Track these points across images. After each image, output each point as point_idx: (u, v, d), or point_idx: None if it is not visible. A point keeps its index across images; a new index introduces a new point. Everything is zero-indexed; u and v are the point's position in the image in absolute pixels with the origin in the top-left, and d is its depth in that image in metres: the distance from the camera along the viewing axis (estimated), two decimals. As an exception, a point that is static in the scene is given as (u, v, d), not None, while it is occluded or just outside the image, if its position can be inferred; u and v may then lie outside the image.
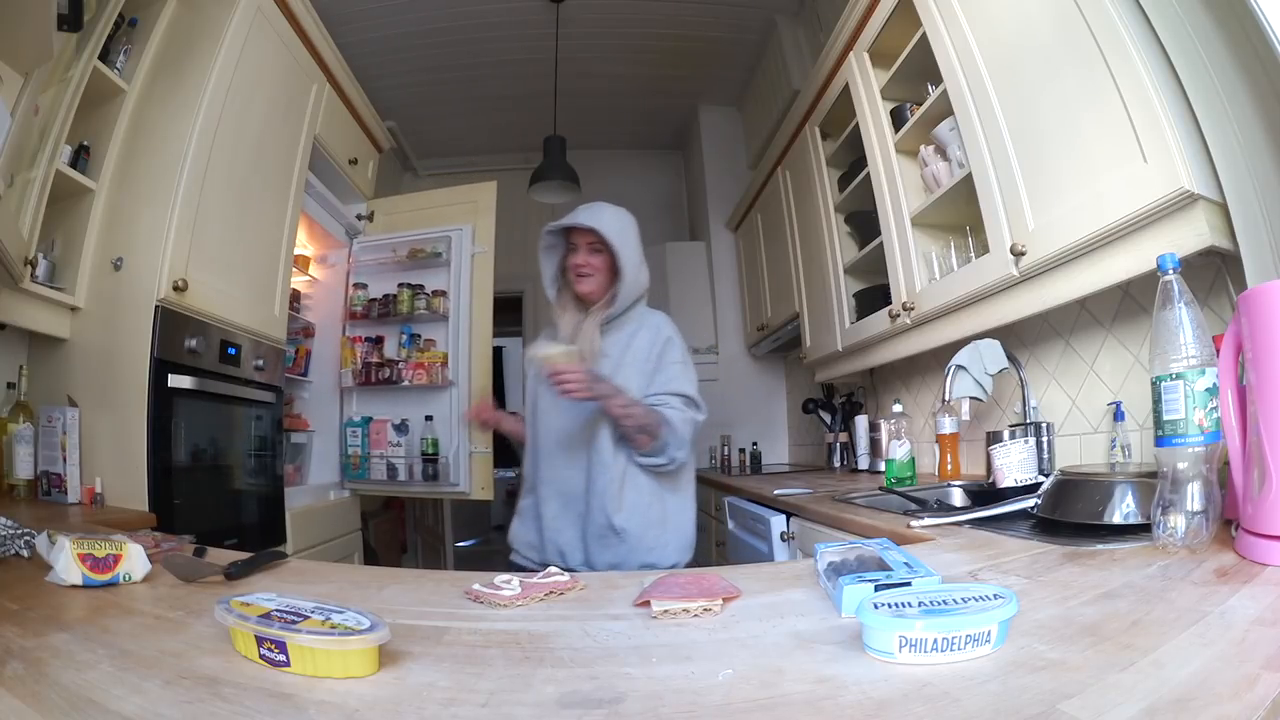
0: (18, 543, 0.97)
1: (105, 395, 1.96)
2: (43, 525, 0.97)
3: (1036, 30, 1.52)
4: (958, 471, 2.10)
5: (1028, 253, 1.56)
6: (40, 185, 1.77)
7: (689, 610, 0.69)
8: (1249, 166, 1.11)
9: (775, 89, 3.73)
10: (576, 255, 1.58)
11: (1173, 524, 0.83)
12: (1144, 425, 1.50)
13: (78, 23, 1.67)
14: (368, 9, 3.39)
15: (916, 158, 2.17)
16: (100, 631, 0.64)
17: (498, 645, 0.62)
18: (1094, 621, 0.61)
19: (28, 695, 0.49)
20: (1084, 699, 0.46)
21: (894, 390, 2.77)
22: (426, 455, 3.09)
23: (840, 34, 2.48)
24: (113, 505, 1.89)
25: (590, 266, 1.58)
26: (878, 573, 0.70)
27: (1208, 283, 1.35)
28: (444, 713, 0.48)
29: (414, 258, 3.29)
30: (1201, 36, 1.14)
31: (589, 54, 3.87)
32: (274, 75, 2.50)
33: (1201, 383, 0.83)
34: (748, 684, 0.52)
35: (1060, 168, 1.48)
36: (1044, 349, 1.87)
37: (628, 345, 1.58)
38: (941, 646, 0.53)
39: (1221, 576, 0.73)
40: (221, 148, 2.18)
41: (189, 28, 2.19)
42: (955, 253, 2.00)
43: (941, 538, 1.11)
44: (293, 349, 3.06)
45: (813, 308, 3.10)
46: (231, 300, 2.29)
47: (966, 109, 1.75)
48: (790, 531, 2.00)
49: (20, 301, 1.80)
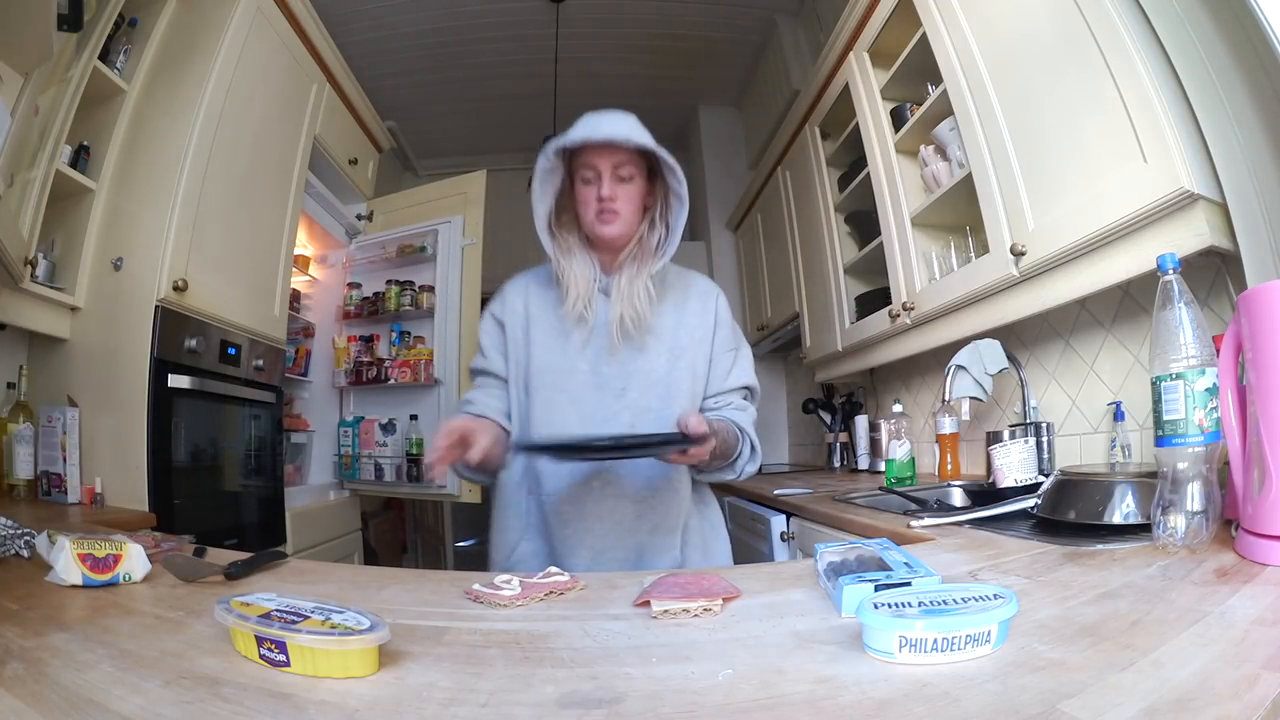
0: (18, 543, 0.97)
1: (105, 395, 1.96)
2: (43, 525, 0.97)
3: (1036, 30, 1.52)
4: (958, 471, 2.10)
5: (1028, 253, 1.56)
6: (40, 185, 1.77)
7: (689, 610, 0.69)
8: (1249, 166, 1.11)
9: (775, 89, 3.73)
10: (598, 185, 1.16)
11: (1173, 524, 0.83)
12: (1144, 425, 1.50)
13: (78, 23, 1.67)
14: (368, 9, 3.39)
15: (916, 158, 2.17)
16: (100, 631, 0.64)
17: (498, 645, 0.62)
18: (1094, 621, 0.61)
19: (28, 695, 0.49)
20: (1084, 699, 0.46)
21: (894, 390, 2.77)
22: (410, 455, 3.08)
23: (840, 34, 2.48)
24: (113, 505, 1.89)
25: (621, 200, 1.17)
26: (878, 573, 0.70)
27: (1208, 283, 1.35)
28: (444, 713, 0.48)
29: (403, 254, 3.29)
30: (1201, 36, 1.14)
31: (589, 54, 3.87)
32: (274, 75, 2.49)
33: (1201, 383, 0.83)
34: (748, 684, 0.52)
35: (1060, 168, 1.48)
36: (1044, 349, 1.87)
37: (680, 320, 1.24)
38: (941, 646, 0.53)
39: (1221, 576, 0.73)
40: (221, 148, 2.18)
41: (189, 28, 2.19)
42: (955, 253, 2.00)
43: (941, 538, 1.11)
44: (293, 349, 3.06)
45: (813, 308, 3.10)
46: (231, 300, 2.29)
47: (966, 109, 1.75)
48: (790, 531, 2.00)
49: (20, 301, 1.80)
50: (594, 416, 1.19)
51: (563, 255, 1.22)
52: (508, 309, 1.29)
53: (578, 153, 1.18)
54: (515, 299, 1.30)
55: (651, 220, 1.23)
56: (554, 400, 1.20)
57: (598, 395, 1.20)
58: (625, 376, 1.20)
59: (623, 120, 1.16)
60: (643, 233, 1.22)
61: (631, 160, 1.17)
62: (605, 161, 1.15)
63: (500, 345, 1.30)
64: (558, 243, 1.22)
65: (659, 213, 1.23)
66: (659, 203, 1.23)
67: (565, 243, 1.23)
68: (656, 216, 1.23)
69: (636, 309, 1.18)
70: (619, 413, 1.19)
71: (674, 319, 1.24)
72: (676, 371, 1.21)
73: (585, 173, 1.17)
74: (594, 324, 1.21)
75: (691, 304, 1.27)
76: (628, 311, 1.18)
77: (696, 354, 1.24)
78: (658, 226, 1.23)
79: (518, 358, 1.26)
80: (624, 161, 1.16)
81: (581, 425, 1.18)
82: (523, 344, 1.25)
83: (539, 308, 1.26)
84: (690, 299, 1.28)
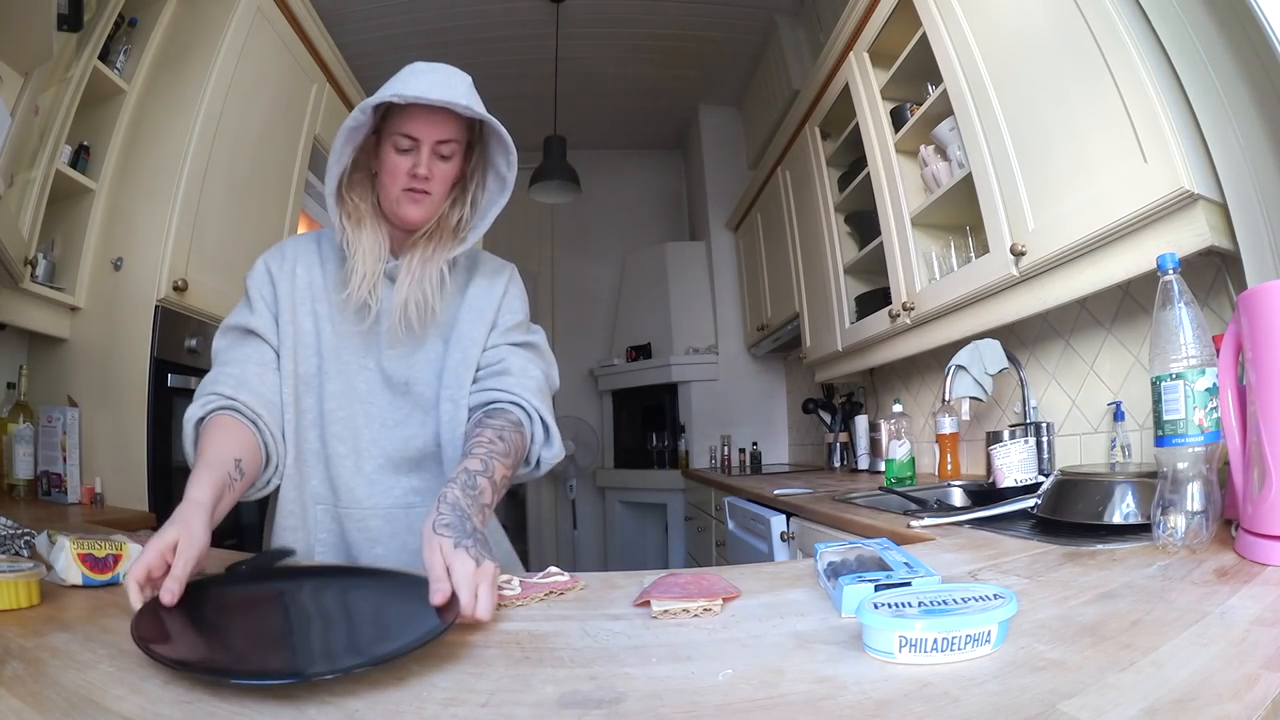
0: (18, 543, 0.97)
1: (105, 395, 1.96)
2: (43, 525, 0.97)
3: (1036, 30, 1.52)
4: (958, 471, 2.10)
5: (1028, 253, 1.56)
6: (40, 185, 1.77)
7: (689, 610, 0.69)
8: (1249, 166, 1.11)
9: (775, 89, 3.73)
10: (414, 158, 0.98)
11: (1173, 524, 0.83)
12: (1144, 425, 1.50)
13: (78, 23, 1.67)
14: (368, 9, 3.39)
15: (916, 158, 2.17)
16: (100, 631, 0.64)
17: (498, 645, 0.62)
18: (1094, 621, 0.61)
19: (28, 695, 0.49)
20: (1084, 699, 0.46)
21: (894, 390, 2.77)
22: None
23: (840, 34, 2.48)
24: (113, 505, 1.89)
25: (436, 180, 1.00)
26: (878, 573, 0.70)
27: (1208, 283, 1.35)
28: (444, 713, 0.48)
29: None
30: (1201, 36, 1.14)
31: (589, 54, 3.87)
32: (274, 75, 2.50)
33: (1201, 383, 0.83)
34: (747, 684, 0.52)
35: (1060, 167, 1.48)
36: (1044, 349, 1.87)
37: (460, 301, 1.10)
38: (941, 646, 0.53)
39: (1221, 576, 0.73)
40: (221, 148, 2.18)
41: (189, 28, 2.19)
42: (955, 253, 2.00)
43: (941, 538, 1.11)
44: (293, 349, 3.05)
45: (813, 307, 3.10)
46: (232, 300, 2.26)
47: (966, 109, 1.75)
48: (790, 531, 2.00)
49: (20, 301, 1.80)
50: (384, 418, 1.06)
51: (351, 226, 1.03)
52: (286, 269, 1.08)
53: (394, 110, 0.97)
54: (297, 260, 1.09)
55: (454, 198, 1.07)
56: (344, 393, 1.05)
57: (385, 393, 1.07)
58: (408, 369, 1.06)
59: (460, 82, 0.97)
60: (444, 210, 1.05)
61: (457, 133, 1.00)
62: (429, 131, 0.97)
63: (270, 306, 1.07)
64: (345, 207, 1.03)
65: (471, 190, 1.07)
66: (471, 180, 1.07)
67: (354, 209, 1.03)
68: (464, 194, 1.07)
69: (425, 295, 1.02)
70: (409, 413, 1.06)
71: (455, 300, 1.09)
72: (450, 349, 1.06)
73: (400, 140, 0.98)
74: (377, 310, 1.04)
75: (478, 282, 1.11)
76: (414, 297, 1.02)
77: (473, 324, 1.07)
78: (462, 205, 1.07)
79: (298, 329, 1.05)
80: (450, 135, 0.99)
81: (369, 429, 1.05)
82: (308, 315, 1.06)
83: (323, 278, 1.08)
84: (476, 278, 1.11)
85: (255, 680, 0.50)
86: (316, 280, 1.08)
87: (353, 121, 0.95)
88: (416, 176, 0.99)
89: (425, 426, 1.06)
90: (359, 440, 1.05)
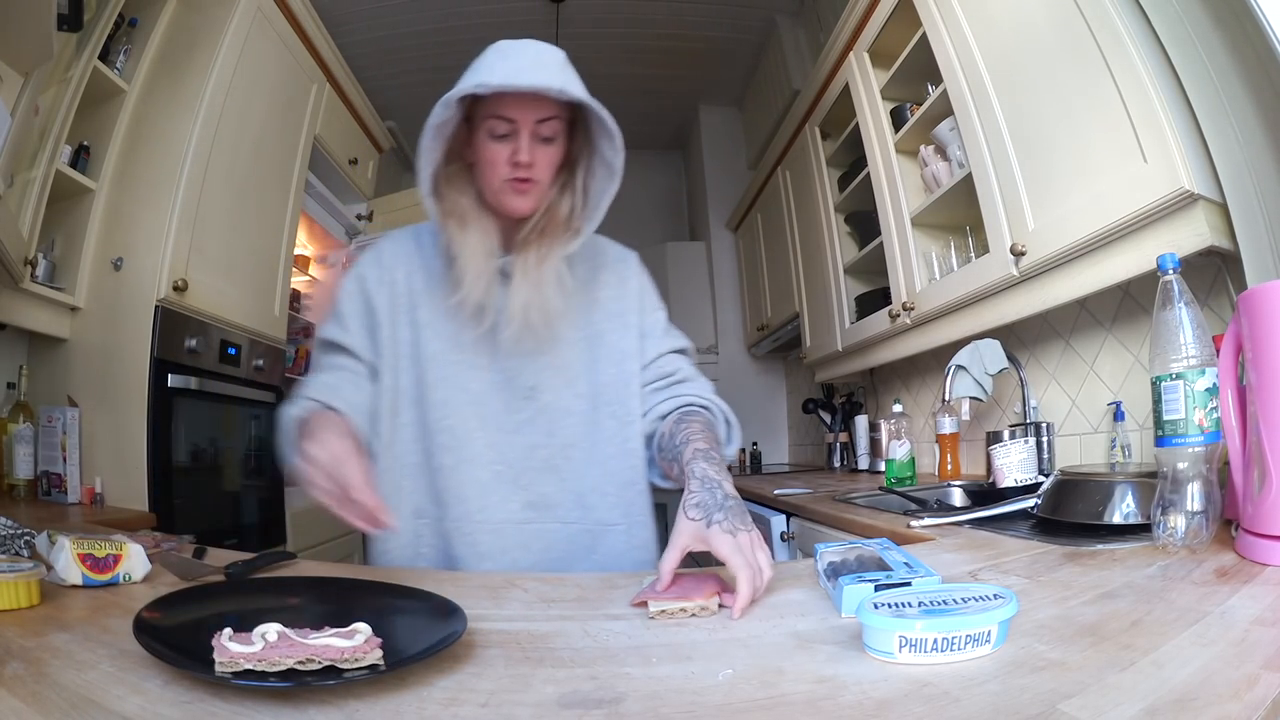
0: (17, 543, 0.97)
1: (105, 395, 1.96)
2: (43, 525, 0.97)
3: (1036, 30, 1.52)
4: (958, 471, 2.10)
5: (1028, 253, 1.56)
6: (40, 185, 1.77)
7: (686, 610, 0.69)
8: (1249, 166, 1.11)
9: (775, 89, 3.73)
10: (514, 144, 0.90)
11: (1173, 524, 0.83)
12: (1144, 425, 1.50)
13: (78, 23, 1.67)
14: (368, 9, 3.39)
15: (916, 158, 2.17)
16: (100, 631, 0.64)
17: (498, 645, 0.62)
18: (1094, 621, 0.61)
19: (28, 695, 0.49)
20: (1084, 699, 0.45)
21: (894, 390, 2.77)
22: None
23: (840, 34, 2.48)
24: (113, 505, 1.89)
25: (541, 165, 0.92)
26: (878, 573, 0.70)
27: (1208, 283, 1.35)
28: (444, 713, 0.48)
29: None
30: (1201, 36, 1.14)
31: (589, 54, 3.86)
32: (274, 75, 2.50)
33: (1201, 383, 0.83)
34: (748, 684, 0.52)
35: (1060, 168, 1.48)
36: (1044, 349, 1.87)
37: (592, 298, 1.03)
38: (941, 646, 0.53)
39: (1221, 576, 0.73)
40: (221, 148, 2.19)
41: (189, 28, 2.19)
42: (955, 253, 2.00)
43: (941, 538, 1.11)
44: (293, 349, 3.05)
45: (813, 308, 3.10)
46: (231, 300, 2.29)
47: (966, 109, 1.75)
48: (790, 531, 2.00)
49: (20, 301, 1.80)
50: (501, 422, 0.98)
51: (454, 224, 0.95)
52: (385, 277, 1.02)
53: (486, 96, 0.88)
54: (396, 267, 1.02)
55: (563, 184, 0.98)
56: (452, 399, 0.97)
57: (502, 395, 0.98)
58: (535, 373, 0.99)
59: (552, 60, 0.89)
60: (552, 199, 0.96)
61: (558, 109, 0.91)
62: (527, 114, 0.88)
63: (364, 319, 1.01)
64: (444, 204, 0.95)
65: (580, 177, 0.98)
66: (579, 165, 0.98)
67: (454, 205, 0.95)
68: (573, 181, 0.98)
69: (545, 299, 0.94)
70: (532, 418, 0.99)
71: (585, 298, 1.01)
72: (600, 362, 0.99)
73: (495, 124, 0.89)
74: (494, 313, 0.96)
75: (604, 276, 1.04)
76: (534, 302, 0.93)
77: (620, 334, 1.02)
78: (572, 193, 0.98)
79: (396, 341, 1.00)
80: (550, 113, 0.89)
81: (484, 433, 0.97)
82: (406, 325, 1.00)
83: (425, 280, 1.01)
84: (601, 270, 1.04)
85: (255, 681, 0.50)
86: (418, 284, 1.01)
87: (436, 118, 0.88)
88: (519, 164, 0.90)
89: (552, 436, 0.99)
90: (471, 447, 0.97)
